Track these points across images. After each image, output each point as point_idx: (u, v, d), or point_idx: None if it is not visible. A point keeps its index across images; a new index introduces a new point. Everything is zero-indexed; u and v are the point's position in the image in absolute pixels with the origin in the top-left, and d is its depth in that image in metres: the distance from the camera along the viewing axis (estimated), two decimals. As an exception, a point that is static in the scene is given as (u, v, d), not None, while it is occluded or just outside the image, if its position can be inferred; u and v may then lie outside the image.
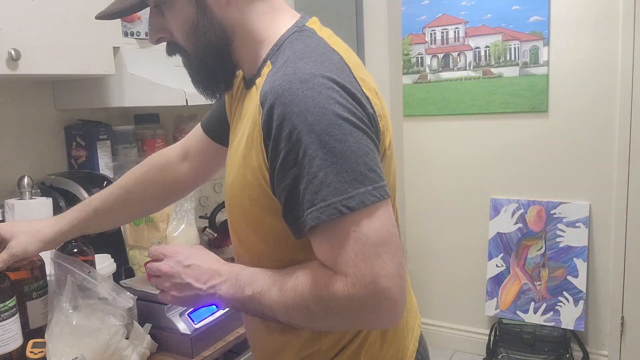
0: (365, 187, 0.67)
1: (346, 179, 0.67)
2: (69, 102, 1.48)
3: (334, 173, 0.67)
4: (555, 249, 2.67)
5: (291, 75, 0.70)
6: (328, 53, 0.75)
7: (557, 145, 2.65)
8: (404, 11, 2.87)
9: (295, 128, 0.67)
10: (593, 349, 2.70)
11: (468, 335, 2.99)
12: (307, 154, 0.67)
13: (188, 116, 1.83)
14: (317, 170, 0.67)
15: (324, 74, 0.70)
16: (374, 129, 0.73)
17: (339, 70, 0.72)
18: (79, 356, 0.99)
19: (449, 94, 2.86)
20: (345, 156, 0.67)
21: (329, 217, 0.67)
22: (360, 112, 0.71)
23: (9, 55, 1.06)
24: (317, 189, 0.67)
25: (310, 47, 0.76)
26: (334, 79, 0.70)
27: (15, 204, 1.19)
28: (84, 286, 1.09)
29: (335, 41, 0.81)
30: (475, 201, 2.89)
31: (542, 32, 2.59)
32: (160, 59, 1.47)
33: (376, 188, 0.68)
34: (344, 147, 0.67)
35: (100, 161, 1.50)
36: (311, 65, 0.72)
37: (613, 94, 2.49)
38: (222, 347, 1.21)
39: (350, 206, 0.67)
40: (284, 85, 0.70)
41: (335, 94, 0.69)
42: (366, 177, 0.68)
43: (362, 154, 0.68)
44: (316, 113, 0.67)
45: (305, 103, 0.67)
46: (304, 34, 0.80)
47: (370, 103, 0.74)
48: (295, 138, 0.67)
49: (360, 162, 0.68)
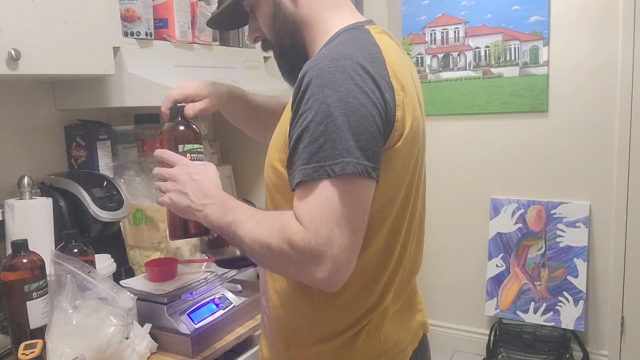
0: (350, 159, 0.75)
1: (337, 147, 0.75)
2: (69, 102, 1.48)
3: (330, 142, 0.76)
4: (555, 249, 2.67)
5: (325, 54, 0.81)
6: (369, 44, 0.84)
7: (557, 145, 2.65)
8: (404, 11, 2.87)
9: (312, 96, 0.77)
10: (593, 349, 2.70)
11: (468, 335, 2.99)
12: (314, 120, 0.77)
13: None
14: (318, 136, 0.76)
15: (353, 57, 0.80)
16: (385, 115, 0.79)
17: (371, 59, 0.81)
18: (79, 356, 0.99)
19: (449, 94, 2.86)
20: (342, 130, 0.76)
21: (310, 177, 0.77)
22: (375, 96, 0.78)
23: (9, 55, 1.06)
24: (314, 151, 0.76)
25: (355, 38, 0.86)
26: (361, 62, 0.79)
27: (15, 204, 1.19)
28: (84, 286, 1.09)
29: (386, 42, 0.89)
30: (475, 201, 2.89)
31: (542, 32, 2.59)
32: (160, 59, 1.47)
33: (360, 164, 0.76)
34: (345, 122, 0.76)
35: (100, 161, 1.50)
36: (347, 49, 0.82)
37: (613, 94, 2.49)
38: (222, 347, 1.21)
39: (330, 172, 0.76)
40: (316, 60, 0.80)
41: (355, 75, 0.78)
42: (353, 152, 0.75)
43: (358, 132, 0.76)
44: (333, 88, 0.77)
45: (327, 77, 0.77)
46: (357, 30, 0.89)
47: (392, 92, 0.81)
48: (310, 104, 0.77)
49: (354, 139, 0.76)
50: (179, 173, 0.95)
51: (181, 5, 1.50)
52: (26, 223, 1.19)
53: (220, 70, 1.66)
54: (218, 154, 2.02)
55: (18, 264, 1.08)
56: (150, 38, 1.44)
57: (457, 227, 2.94)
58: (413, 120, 0.85)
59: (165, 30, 1.49)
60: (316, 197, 0.77)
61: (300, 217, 0.78)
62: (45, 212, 1.22)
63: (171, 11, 1.48)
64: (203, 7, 1.61)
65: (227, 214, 0.87)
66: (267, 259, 0.84)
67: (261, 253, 0.83)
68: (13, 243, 1.11)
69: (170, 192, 0.95)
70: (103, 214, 1.34)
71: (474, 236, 2.90)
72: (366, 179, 0.77)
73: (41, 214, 1.22)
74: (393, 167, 0.84)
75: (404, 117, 0.83)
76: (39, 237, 1.19)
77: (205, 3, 1.63)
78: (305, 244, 0.77)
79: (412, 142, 0.86)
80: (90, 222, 1.34)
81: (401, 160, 0.85)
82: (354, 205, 0.77)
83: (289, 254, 0.78)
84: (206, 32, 1.64)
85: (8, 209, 1.19)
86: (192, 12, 1.57)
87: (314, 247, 0.76)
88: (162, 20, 1.48)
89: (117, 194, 1.40)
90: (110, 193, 1.39)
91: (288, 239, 0.78)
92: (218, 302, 1.29)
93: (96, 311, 1.05)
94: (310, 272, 0.78)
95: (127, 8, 1.39)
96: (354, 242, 0.78)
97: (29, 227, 1.19)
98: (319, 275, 0.77)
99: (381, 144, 0.79)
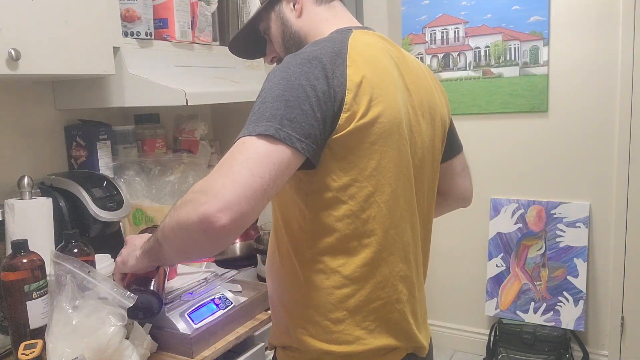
0: (273, 124, 0.79)
1: (266, 114, 0.80)
2: (69, 102, 1.48)
3: (263, 110, 0.81)
4: (555, 249, 2.67)
5: (293, 53, 0.89)
6: (337, 42, 0.90)
7: (557, 145, 2.65)
8: (404, 11, 2.87)
9: (267, 79, 0.86)
10: (593, 349, 2.70)
11: (468, 335, 2.99)
12: (260, 96, 0.84)
13: (188, 116, 1.83)
14: (258, 106, 0.83)
15: (314, 52, 0.86)
16: (327, 99, 0.83)
17: (332, 52, 0.87)
18: (79, 356, 0.99)
19: (449, 94, 2.83)
20: (276, 101, 0.81)
21: (240, 136, 0.81)
22: (319, 82, 0.83)
23: (9, 55, 1.06)
24: (252, 118, 0.82)
25: (330, 38, 0.92)
26: (319, 55, 0.85)
27: (15, 204, 1.19)
28: (84, 286, 1.09)
29: (364, 40, 0.93)
30: (475, 201, 2.87)
31: (542, 32, 2.59)
32: (160, 59, 1.47)
33: (283, 130, 0.78)
34: (280, 94, 0.81)
35: (100, 161, 1.50)
36: (313, 48, 0.88)
37: (613, 94, 2.49)
38: (222, 347, 1.21)
39: (253, 130, 0.79)
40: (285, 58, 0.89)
41: (306, 63, 0.84)
42: (280, 119, 0.79)
43: (291, 105, 0.80)
44: (282, 70, 0.85)
45: (282, 66, 0.86)
46: (340, 32, 0.95)
47: (345, 78, 0.85)
48: (263, 85, 0.86)
49: (285, 109, 0.80)
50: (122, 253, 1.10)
51: (181, 5, 1.50)
52: (26, 223, 1.19)
53: (220, 70, 1.66)
54: (218, 154, 2.02)
55: (18, 264, 1.08)
56: (150, 38, 1.44)
57: (457, 227, 2.94)
58: (377, 102, 0.87)
59: (165, 30, 1.49)
60: (234, 148, 0.79)
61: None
62: (45, 212, 1.22)
63: (171, 11, 1.48)
64: (203, 7, 1.61)
65: (150, 238, 0.96)
66: (173, 230, 0.83)
67: (170, 226, 0.83)
68: (13, 243, 1.11)
69: (117, 264, 1.11)
70: (103, 214, 1.34)
71: (474, 236, 2.90)
72: (287, 146, 0.78)
73: (41, 214, 1.22)
74: (357, 152, 0.87)
75: (357, 101, 0.85)
76: (39, 237, 1.19)
77: (206, 3, 1.63)
78: (202, 182, 0.78)
79: (376, 124, 0.87)
80: (90, 222, 1.34)
81: (365, 145, 0.87)
82: (266, 159, 0.77)
83: (184, 200, 0.80)
84: (206, 32, 1.64)
85: (8, 209, 1.19)
86: (192, 12, 1.57)
87: (206, 181, 0.78)
88: (162, 20, 1.49)
89: (117, 194, 1.40)
90: (110, 193, 1.39)
91: (189, 192, 0.80)
92: (218, 302, 1.29)
93: (96, 311, 1.05)
94: (198, 205, 0.75)
95: (127, 8, 1.39)
96: (251, 183, 0.75)
97: (29, 227, 1.19)
98: (204, 208, 0.74)
99: (314, 123, 0.81)
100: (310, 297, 0.92)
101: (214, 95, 1.45)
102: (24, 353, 0.99)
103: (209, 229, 0.75)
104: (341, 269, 0.90)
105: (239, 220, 0.75)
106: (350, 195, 0.88)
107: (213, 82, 1.56)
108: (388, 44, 0.99)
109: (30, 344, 1.01)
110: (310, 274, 0.92)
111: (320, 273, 0.91)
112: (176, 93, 1.28)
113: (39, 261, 1.11)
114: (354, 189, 0.88)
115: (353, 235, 0.90)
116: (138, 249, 1.02)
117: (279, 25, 1.05)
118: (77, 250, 1.17)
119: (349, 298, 0.91)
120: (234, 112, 2.00)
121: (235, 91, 1.53)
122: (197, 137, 1.81)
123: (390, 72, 0.93)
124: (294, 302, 0.95)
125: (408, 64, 1.01)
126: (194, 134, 1.80)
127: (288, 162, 0.80)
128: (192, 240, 0.80)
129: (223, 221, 0.74)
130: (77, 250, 1.17)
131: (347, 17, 1.05)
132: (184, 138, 1.82)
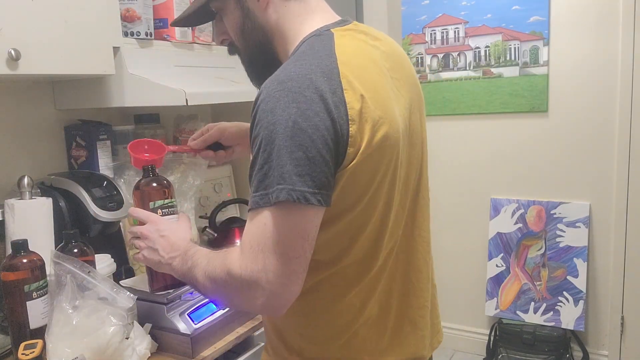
0: (284, 186, 0.75)
1: (275, 175, 0.75)
2: (69, 102, 1.48)
3: (271, 169, 0.75)
4: (555, 249, 2.67)
5: (277, 75, 0.80)
6: (324, 55, 0.81)
7: (557, 145, 2.65)
8: (404, 11, 2.87)
9: (260, 121, 0.77)
10: (593, 349, 2.70)
11: (468, 335, 2.99)
12: (260, 147, 0.77)
13: (188, 116, 1.82)
14: (263, 163, 0.76)
15: (305, 75, 0.78)
16: (333, 134, 0.77)
17: (324, 72, 0.79)
18: (79, 356, 0.99)
19: (449, 94, 2.86)
20: (281, 156, 0.75)
21: (256, 205, 0.78)
22: (319, 118, 0.76)
23: (9, 55, 1.06)
24: (261, 179, 0.77)
25: (313, 49, 0.83)
26: (312, 79, 0.77)
27: (15, 204, 1.19)
28: (84, 286, 1.09)
29: (348, 45, 0.85)
30: (475, 201, 2.89)
31: (542, 32, 2.59)
32: (160, 59, 1.47)
33: (295, 190, 0.74)
34: (284, 147, 0.75)
35: (100, 161, 1.50)
36: (298, 66, 0.80)
37: (613, 94, 2.49)
38: (222, 347, 1.21)
39: (271, 199, 0.76)
40: (267, 83, 0.79)
41: (300, 98, 0.76)
42: (288, 178, 0.74)
43: (296, 157, 0.74)
44: (276, 113, 0.76)
45: (272, 102, 0.76)
46: (320, 38, 0.86)
47: (345, 107, 0.78)
48: (258, 130, 0.78)
49: (292, 164, 0.74)
50: (149, 231, 1.01)
51: (181, 6, 1.50)
52: (26, 223, 1.19)
53: (220, 70, 1.66)
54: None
55: (18, 264, 1.08)
56: (150, 38, 1.43)
57: (457, 227, 2.94)
58: (380, 126, 0.81)
59: (165, 30, 1.49)
60: (256, 224, 0.78)
61: (241, 245, 0.81)
62: (45, 212, 1.22)
63: (171, 11, 1.48)
64: (203, 7, 1.61)
65: (187, 261, 0.92)
66: (215, 292, 0.87)
67: (210, 288, 0.87)
68: (13, 243, 1.11)
69: (142, 249, 1.01)
70: (103, 214, 1.34)
71: (474, 236, 2.90)
72: (304, 205, 0.76)
73: (41, 214, 1.22)
74: (358, 181, 0.81)
75: (361, 131, 0.79)
76: (39, 237, 1.19)
77: (205, 3, 1.63)
78: (242, 272, 0.79)
79: (380, 150, 0.82)
80: (90, 222, 1.34)
81: (367, 173, 0.82)
82: (292, 232, 0.77)
83: (229, 282, 0.82)
84: (206, 32, 1.64)
85: (8, 209, 1.19)
86: (192, 12, 1.57)
87: (249, 274, 0.78)
88: (162, 20, 1.48)
89: (117, 194, 1.40)
90: (110, 193, 1.39)
91: (228, 269, 0.81)
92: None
93: (96, 311, 1.05)
94: (249, 298, 0.80)
95: (127, 8, 1.39)
96: (291, 269, 0.78)
97: (29, 227, 1.19)
98: (258, 302, 0.79)
99: (325, 168, 0.76)
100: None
101: (214, 95, 1.45)
102: (24, 353, 0.99)
103: (255, 311, 0.88)
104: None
105: (294, 297, 0.81)
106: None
107: (213, 82, 1.55)
108: (370, 40, 0.91)
109: (30, 344, 1.01)
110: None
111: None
112: (176, 93, 1.28)
113: (39, 261, 1.11)
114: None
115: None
116: (168, 260, 0.97)
117: (238, 14, 0.94)
118: (77, 250, 1.17)
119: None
120: (234, 112, 2.00)
121: (235, 91, 1.53)
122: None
123: (384, 85, 0.86)
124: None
125: (392, 56, 0.94)
126: (193, 134, 1.80)
127: (313, 222, 0.79)
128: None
129: (281, 309, 0.81)
130: (77, 250, 1.17)
131: (322, 10, 0.94)
132: (184, 138, 1.81)
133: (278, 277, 0.77)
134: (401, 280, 0.96)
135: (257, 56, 0.96)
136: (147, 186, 1.11)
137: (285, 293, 0.79)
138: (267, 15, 0.92)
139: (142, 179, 1.12)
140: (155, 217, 1.04)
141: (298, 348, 0.94)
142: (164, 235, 0.99)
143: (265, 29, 0.92)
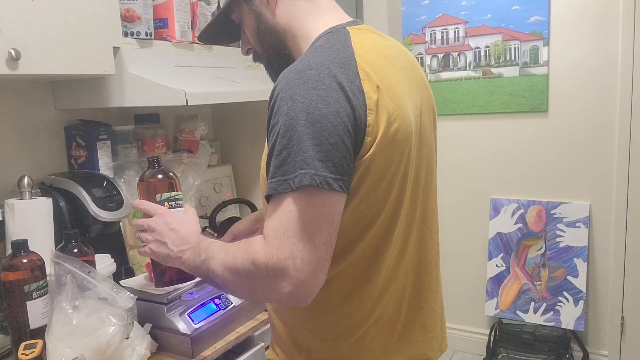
0: (307, 170, 0.74)
1: (297, 160, 0.75)
2: (69, 102, 1.48)
3: (292, 154, 0.75)
4: (555, 249, 2.67)
5: (295, 65, 0.80)
6: (341, 48, 0.83)
7: (557, 145, 2.65)
8: (404, 11, 2.87)
9: (279, 109, 0.77)
10: (593, 349, 2.70)
11: (468, 335, 2.99)
12: (280, 133, 0.76)
13: (188, 116, 1.82)
14: (282, 149, 0.76)
15: (323, 64, 0.79)
16: (353, 122, 0.78)
17: (342, 63, 0.80)
18: (79, 356, 0.99)
19: (449, 94, 2.86)
20: (302, 142, 0.75)
21: (275, 191, 0.77)
22: (340, 105, 0.76)
23: (9, 55, 1.06)
24: (279, 165, 0.76)
25: (329, 42, 0.85)
26: (330, 68, 0.78)
27: (15, 204, 1.19)
28: (84, 286, 1.09)
29: (365, 39, 0.87)
30: (475, 201, 2.88)
31: (542, 32, 2.59)
32: (160, 59, 1.47)
33: (318, 175, 0.74)
34: (305, 133, 0.75)
35: (100, 161, 1.50)
36: (316, 56, 0.81)
37: (613, 94, 2.49)
38: (222, 347, 1.21)
39: (292, 185, 0.75)
40: (285, 72, 0.80)
41: (320, 85, 0.76)
42: (311, 163, 0.74)
43: (318, 143, 0.75)
44: (296, 100, 0.76)
45: (292, 90, 0.77)
46: (336, 34, 0.88)
47: (363, 96, 0.79)
48: (277, 118, 0.77)
49: (314, 149, 0.74)
50: (157, 223, 0.98)
51: (181, 5, 1.50)
52: (26, 223, 1.19)
53: (221, 70, 1.66)
54: (218, 154, 2.02)
55: (18, 264, 1.08)
56: (150, 38, 1.43)
57: (457, 227, 2.94)
58: (394, 119, 0.82)
59: (165, 30, 1.49)
60: (280, 211, 0.77)
61: (266, 233, 0.79)
62: (45, 212, 1.22)
63: (171, 11, 1.48)
64: (203, 7, 1.61)
65: (200, 253, 0.90)
66: (236, 285, 0.84)
67: (231, 280, 0.84)
68: (13, 243, 1.11)
69: (149, 242, 0.98)
70: (103, 214, 1.34)
71: (474, 236, 2.90)
72: (327, 190, 0.75)
73: (41, 214, 1.22)
74: (371, 173, 0.82)
75: (378, 121, 0.80)
76: (39, 237, 1.19)
77: (206, 3, 1.63)
78: (268, 260, 0.77)
79: (393, 143, 0.83)
80: (90, 222, 1.34)
81: (381, 166, 0.82)
82: (317, 218, 0.76)
83: (254, 272, 0.79)
84: (206, 32, 1.64)
85: (8, 209, 1.19)
86: (192, 12, 1.57)
87: (276, 262, 0.76)
88: (162, 20, 1.48)
89: (117, 194, 1.40)
90: (110, 193, 1.39)
91: (252, 258, 0.79)
92: (218, 302, 1.29)
93: (96, 311, 1.05)
94: (275, 288, 0.77)
95: (127, 8, 1.39)
96: (318, 256, 0.76)
97: (29, 227, 1.19)
98: (285, 290, 0.77)
99: (346, 154, 0.77)
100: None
101: (214, 95, 1.45)
102: (24, 353, 0.99)
103: (281, 301, 0.83)
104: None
105: (320, 285, 0.79)
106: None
107: (213, 82, 1.55)
108: (383, 40, 0.93)
109: (30, 344, 1.01)
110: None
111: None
112: (176, 93, 1.28)
113: (39, 261, 1.11)
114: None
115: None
116: (178, 253, 0.94)
117: (252, 19, 0.96)
118: (77, 250, 1.17)
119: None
120: (234, 112, 2.00)
121: (235, 91, 1.53)
122: (197, 137, 1.81)
123: (398, 80, 0.87)
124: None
125: (402, 56, 0.95)
126: (194, 134, 1.80)
127: (336, 208, 0.78)
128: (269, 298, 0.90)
129: (307, 299, 0.79)
130: (77, 250, 1.17)
131: (333, 9, 0.96)
132: (184, 138, 1.82)
133: (306, 264, 0.75)
134: (412, 282, 0.96)
135: (274, 58, 0.98)
136: (153, 178, 1.07)
137: (313, 281, 0.77)
138: (278, 16, 0.94)
139: (147, 171, 1.09)
140: (163, 210, 1.01)
141: (307, 346, 0.93)
142: (173, 228, 0.97)
143: (277, 29, 0.94)
